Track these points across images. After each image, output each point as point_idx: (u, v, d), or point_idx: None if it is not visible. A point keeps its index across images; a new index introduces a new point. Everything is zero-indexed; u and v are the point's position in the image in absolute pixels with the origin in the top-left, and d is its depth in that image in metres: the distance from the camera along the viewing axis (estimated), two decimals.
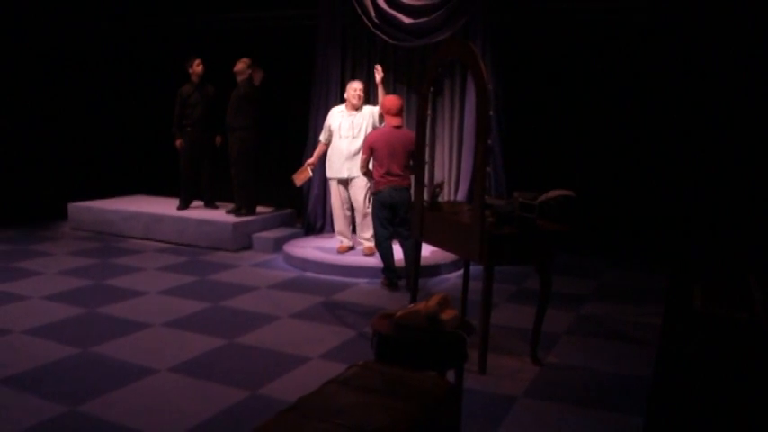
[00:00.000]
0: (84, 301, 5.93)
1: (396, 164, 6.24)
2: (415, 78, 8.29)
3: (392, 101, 6.45)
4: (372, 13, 8.02)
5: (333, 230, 8.52)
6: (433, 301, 2.97)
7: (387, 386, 2.68)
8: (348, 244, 7.54)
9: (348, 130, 7.16)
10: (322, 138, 7.44)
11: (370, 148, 6.31)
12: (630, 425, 3.84)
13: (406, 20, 7.85)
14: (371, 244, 7.28)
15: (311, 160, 7.53)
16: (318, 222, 8.67)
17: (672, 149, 7.51)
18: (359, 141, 7.09)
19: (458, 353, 2.98)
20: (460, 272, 7.20)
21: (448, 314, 2.94)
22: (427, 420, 2.55)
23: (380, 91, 7.08)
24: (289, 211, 9.04)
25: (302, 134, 8.64)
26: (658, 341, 5.22)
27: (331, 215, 8.61)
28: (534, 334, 4.69)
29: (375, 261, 7.14)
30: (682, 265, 7.09)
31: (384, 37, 8.01)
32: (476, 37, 7.72)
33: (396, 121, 6.36)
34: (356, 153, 7.11)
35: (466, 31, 7.75)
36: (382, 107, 6.52)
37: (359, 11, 8.07)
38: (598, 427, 3.80)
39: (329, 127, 7.33)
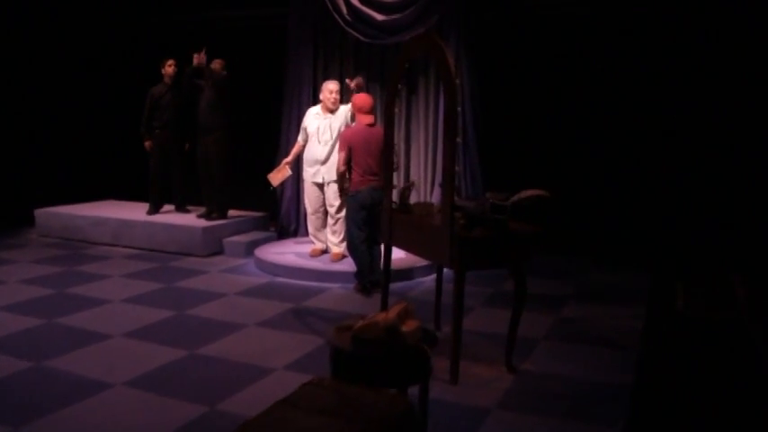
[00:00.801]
0: (44, 311, 5.67)
1: (373, 163, 6.05)
2: (388, 76, 8.09)
3: (364, 99, 6.26)
4: (344, 11, 7.82)
5: (307, 233, 8.31)
6: (392, 312, 2.76)
7: (340, 407, 2.47)
8: (321, 247, 7.33)
9: (324, 134, 6.96)
10: (300, 138, 7.23)
11: (349, 147, 6.08)
12: None
13: (379, 17, 7.67)
14: (340, 250, 7.06)
15: (288, 159, 7.30)
16: (292, 225, 8.46)
17: (651, 148, 7.38)
18: (335, 146, 6.91)
19: (420, 367, 2.77)
20: (434, 275, 7.02)
21: (409, 325, 2.73)
22: None
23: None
24: (261, 214, 8.81)
25: (274, 135, 8.43)
26: (638, 345, 5.06)
27: (305, 218, 8.41)
28: (509, 340, 4.50)
29: (348, 266, 6.92)
30: (663, 265, 6.96)
31: (356, 34, 7.83)
32: (449, 34, 7.55)
33: (369, 119, 6.16)
34: (330, 158, 6.92)
35: (440, 28, 7.57)
36: (354, 105, 6.33)
37: (330, 8, 7.88)
38: None
39: (305, 129, 7.12)
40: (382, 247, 5.18)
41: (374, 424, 2.38)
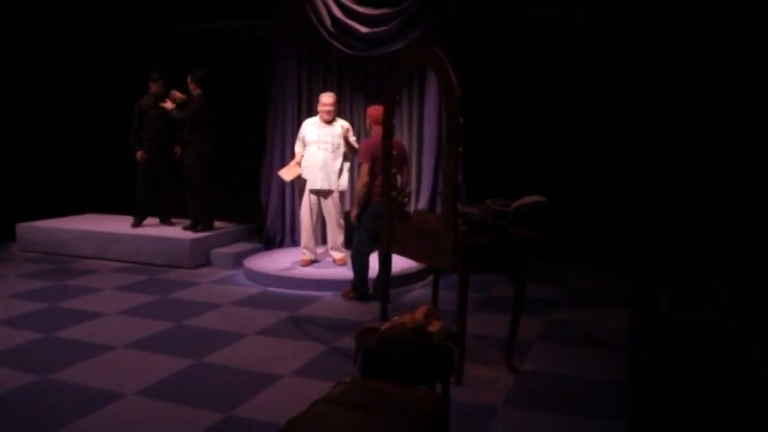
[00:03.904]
0: (40, 325, 5.67)
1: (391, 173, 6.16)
2: (373, 88, 8.24)
3: (380, 110, 6.34)
4: (328, 23, 7.94)
5: (293, 244, 8.42)
6: (419, 314, 2.89)
7: (378, 403, 2.59)
8: (311, 257, 7.42)
9: (324, 141, 7.08)
10: (299, 148, 7.32)
11: (373, 157, 6.11)
12: (613, 430, 3.81)
13: (363, 29, 7.80)
14: (343, 255, 7.20)
15: (297, 160, 7.31)
16: (278, 236, 8.53)
17: (630, 153, 7.61)
18: (337, 154, 7.08)
19: (446, 365, 2.90)
20: (425, 282, 7.17)
21: (435, 326, 2.86)
22: None
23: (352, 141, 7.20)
24: (246, 225, 8.87)
25: (259, 147, 8.51)
26: (629, 345, 5.26)
27: (291, 228, 8.51)
28: (509, 341, 4.66)
29: (339, 273, 7.05)
30: (646, 269, 7.19)
31: (340, 46, 7.95)
32: (432, 45, 7.69)
33: None
34: (330, 164, 7.07)
35: (423, 39, 7.73)
36: (370, 117, 6.37)
37: (315, 20, 7.99)
38: None
39: (303, 138, 7.24)
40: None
41: (412, 418, 2.50)
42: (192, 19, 9.19)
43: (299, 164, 7.25)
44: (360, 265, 6.37)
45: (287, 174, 7.30)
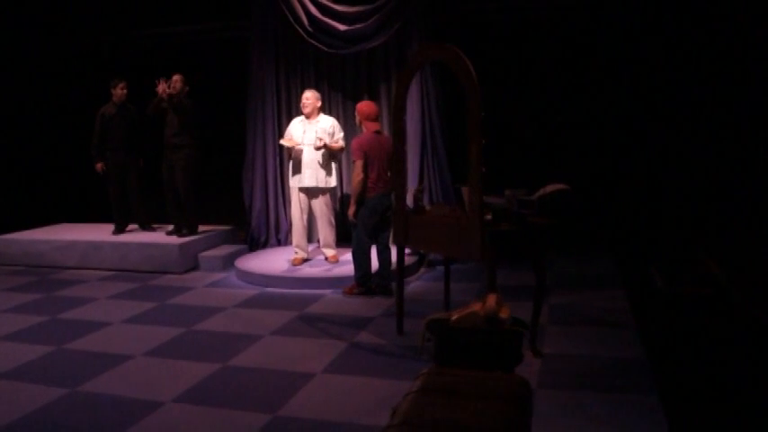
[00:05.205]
0: (48, 338, 5.56)
1: (383, 169, 6.24)
2: (350, 85, 8.30)
3: (370, 106, 6.42)
4: (305, 22, 7.97)
5: (278, 244, 8.43)
6: (491, 301, 3.00)
7: (470, 388, 2.69)
8: (303, 256, 7.45)
9: (308, 138, 7.10)
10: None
11: (365, 154, 6.19)
12: (648, 403, 3.99)
13: (341, 27, 7.86)
14: (335, 252, 7.27)
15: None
16: (263, 236, 8.53)
17: (610, 136, 7.87)
18: (321, 150, 7.07)
19: (517, 350, 3.03)
20: (418, 274, 7.31)
21: (504, 312, 2.98)
22: (524, 421, 2.59)
23: (334, 146, 7.16)
24: (229, 227, 8.82)
25: (239, 148, 8.48)
26: (633, 323, 5.49)
27: (275, 229, 8.52)
28: (533, 327, 4.81)
29: (336, 271, 7.10)
30: (636, 250, 7.48)
31: (318, 45, 7.99)
32: (411, 41, 7.82)
33: (376, 126, 6.36)
34: (315, 161, 7.08)
35: (401, 34, 7.83)
36: (360, 113, 6.39)
37: (291, 20, 8.01)
38: (621, 409, 3.93)
39: (291, 136, 7.27)
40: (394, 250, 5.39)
41: (508, 399, 2.61)
42: (164, 22, 9.07)
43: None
44: (361, 260, 6.44)
45: (286, 143, 7.28)
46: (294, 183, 7.24)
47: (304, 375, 4.59)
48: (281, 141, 7.41)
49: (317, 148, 6.94)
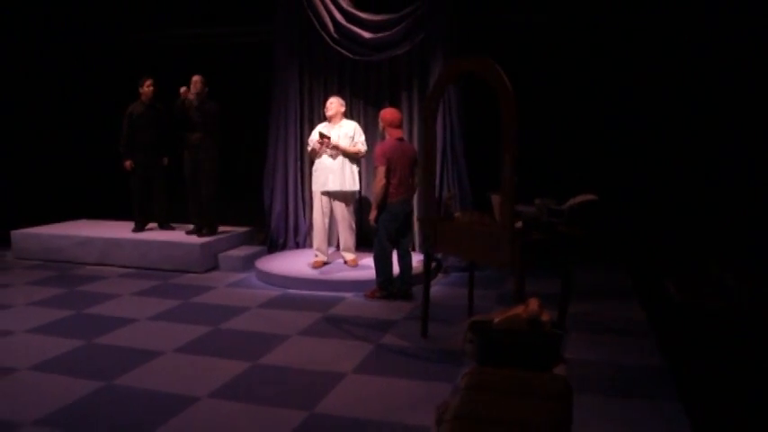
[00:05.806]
0: (77, 331, 5.66)
1: (406, 175, 6.35)
2: (373, 92, 8.42)
3: (393, 113, 6.51)
4: (331, 28, 8.10)
5: (296, 246, 8.54)
6: (533, 305, 3.12)
7: (518, 388, 2.80)
8: (323, 259, 7.56)
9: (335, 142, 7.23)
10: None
11: (388, 160, 6.29)
12: (671, 410, 4.10)
13: (366, 34, 7.97)
14: (355, 256, 7.39)
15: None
16: (281, 239, 8.63)
17: (624, 151, 7.99)
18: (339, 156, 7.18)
19: (557, 352, 3.14)
20: (434, 280, 7.40)
21: (546, 316, 3.10)
22: (570, 418, 2.70)
23: (349, 149, 7.28)
24: (248, 228, 8.93)
25: (261, 151, 8.59)
26: (651, 332, 5.60)
27: (294, 231, 8.63)
28: None
29: (356, 274, 7.21)
30: (649, 261, 7.59)
31: (344, 51, 8.10)
32: (434, 50, 7.93)
33: (399, 133, 6.47)
34: (339, 165, 7.21)
35: (425, 45, 7.95)
36: (383, 120, 6.48)
37: (317, 25, 8.14)
38: (647, 416, 4.04)
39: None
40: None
41: (554, 397, 2.73)
42: (191, 23, 9.19)
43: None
44: (383, 264, 6.55)
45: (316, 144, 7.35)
46: (317, 187, 7.35)
47: (335, 375, 4.70)
48: (313, 142, 7.40)
49: (330, 146, 7.10)
